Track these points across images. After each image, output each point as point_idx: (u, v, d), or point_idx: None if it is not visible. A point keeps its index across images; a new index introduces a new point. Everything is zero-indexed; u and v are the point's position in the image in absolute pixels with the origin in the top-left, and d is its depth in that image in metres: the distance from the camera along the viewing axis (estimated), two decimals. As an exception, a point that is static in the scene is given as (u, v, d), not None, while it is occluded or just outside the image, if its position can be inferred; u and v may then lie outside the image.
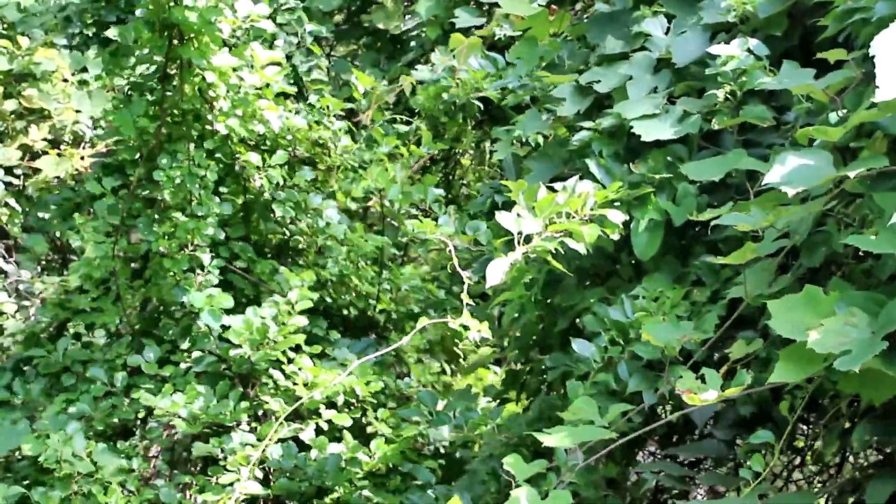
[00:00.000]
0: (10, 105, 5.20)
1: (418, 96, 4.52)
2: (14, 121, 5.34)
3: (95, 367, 3.86)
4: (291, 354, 3.67)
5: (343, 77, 6.06)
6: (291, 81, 4.45)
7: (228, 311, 3.69)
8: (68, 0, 5.86)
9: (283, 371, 3.60)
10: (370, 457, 3.49)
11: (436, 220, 3.50)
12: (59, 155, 5.27)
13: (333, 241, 4.21)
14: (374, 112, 4.84)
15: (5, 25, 5.53)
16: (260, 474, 3.37)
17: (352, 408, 3.75)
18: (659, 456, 3.26)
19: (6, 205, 5.29)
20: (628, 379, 2.67)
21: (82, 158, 5.39)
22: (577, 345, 2.82)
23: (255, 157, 3.99)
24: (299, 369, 3.59)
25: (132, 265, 4.27)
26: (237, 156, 4.04)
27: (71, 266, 4.29)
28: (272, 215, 4.21)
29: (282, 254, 4.43)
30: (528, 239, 2.56)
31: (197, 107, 3.85)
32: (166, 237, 3.78)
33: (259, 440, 3.45)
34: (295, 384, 3.56)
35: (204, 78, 3.76)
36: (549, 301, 3.14)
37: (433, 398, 3.33)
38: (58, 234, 5.42)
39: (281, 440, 3.52)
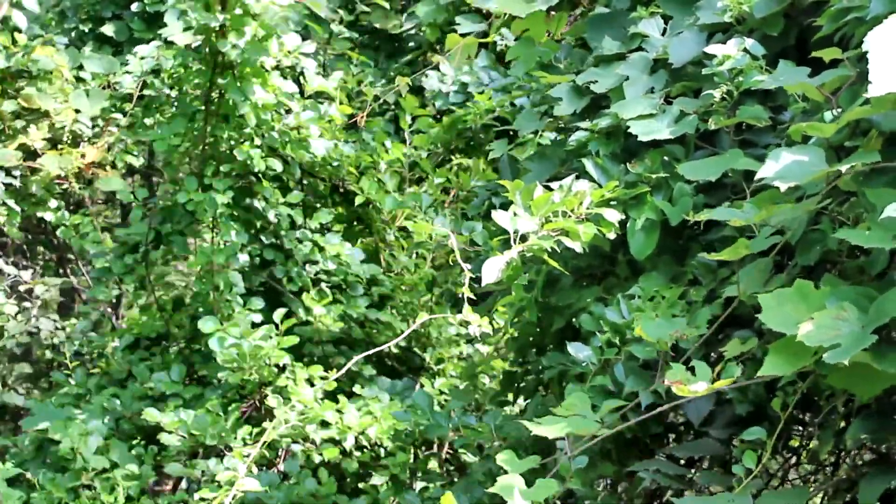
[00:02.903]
0: (8, 105, 5.23)
1: (433, 130, 4.50)
2: (12, 120, 5.37)
3: (141, 367, 4.00)
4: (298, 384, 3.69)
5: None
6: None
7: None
8: None
9: (282, 396, 3.63)
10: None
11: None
12: (60, 153, 5.32)
13: (356, 279, 4.26)
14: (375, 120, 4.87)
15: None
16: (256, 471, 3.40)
17: (364, 449, 3.76)
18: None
19: (4, 205, 5.32)
20: (625, 380, 2.71)
21: (83, 156, 5.43)
22: (574, 347, 2.86)
23: (268, 194, 4.08)
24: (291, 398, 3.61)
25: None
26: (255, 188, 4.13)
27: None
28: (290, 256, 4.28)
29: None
30: (524, 237, 2.60)
31: (229, 134, 3.93)
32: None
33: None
34: (302, 413, 3.58)
35: (236, 107, 3.85)
36: (545, 301, 3.17)
37: (429, 399, 3.36)
38: (57, 233, 5.48)
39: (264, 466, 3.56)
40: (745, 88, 2.72)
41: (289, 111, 4.13)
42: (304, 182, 4.57)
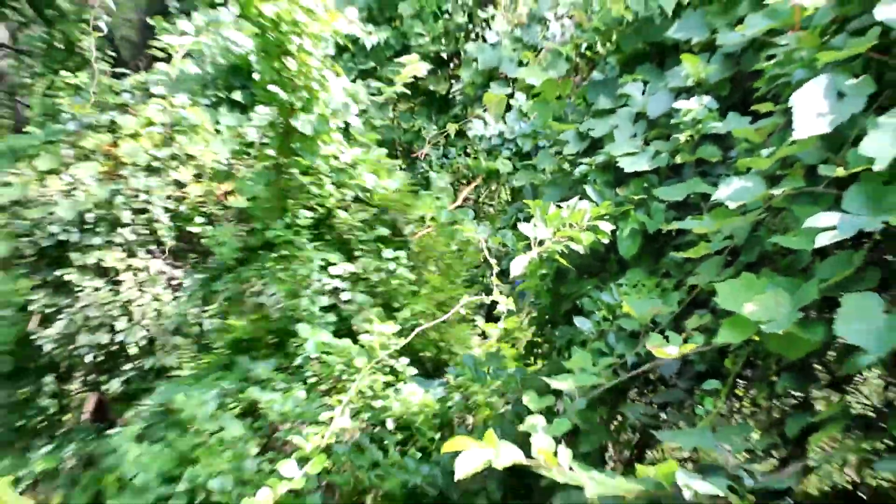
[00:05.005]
0: (166, 151, 5.44)
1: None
2: (169, 161, 5.58)
3: (244, 358, 4.02)
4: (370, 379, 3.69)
5: (404, 126, 6.25)
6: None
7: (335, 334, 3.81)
8: (206, 71, 6.11)
9: (361, 390, 3.64)
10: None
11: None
12: (200, 183, 5.50)
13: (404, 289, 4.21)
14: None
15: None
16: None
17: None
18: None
19: (160, 221, 5.53)
20: (616, 345, 2.77)
21: (220, 187, 5.60)
22: (578, 321, 2.90)
23: (343, 214, 4.15)
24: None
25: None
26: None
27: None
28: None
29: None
30: (541, 242, 2.67)
31: (301, 183, 3.98)
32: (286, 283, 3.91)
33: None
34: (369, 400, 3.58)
35: (311, 165, 3.92)
36: (557, 289, 3.22)
37: (474, 360, 3.42)
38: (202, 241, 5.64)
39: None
40: (703, 133, 2.76)
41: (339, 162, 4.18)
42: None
